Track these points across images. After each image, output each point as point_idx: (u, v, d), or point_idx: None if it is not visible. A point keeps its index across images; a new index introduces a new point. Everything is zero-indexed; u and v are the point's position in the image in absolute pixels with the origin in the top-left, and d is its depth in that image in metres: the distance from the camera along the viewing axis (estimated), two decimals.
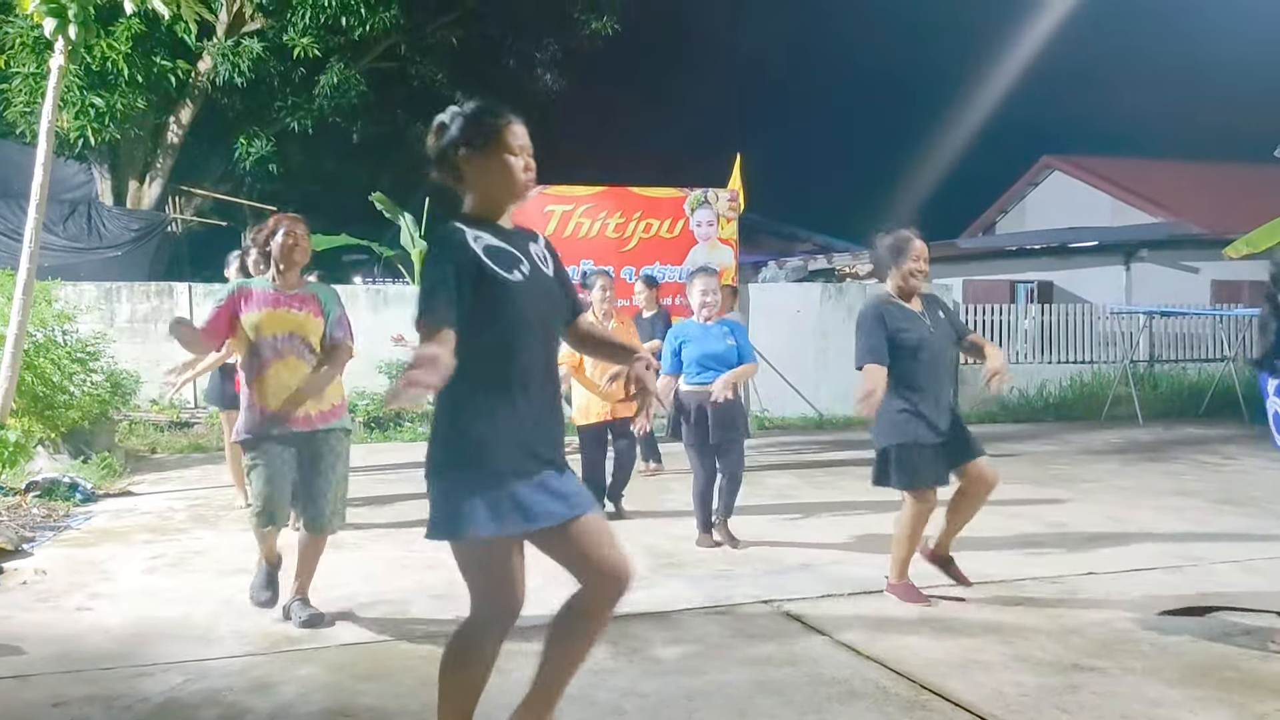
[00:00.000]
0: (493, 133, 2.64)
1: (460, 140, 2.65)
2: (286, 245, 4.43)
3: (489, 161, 2.65)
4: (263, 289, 4.42)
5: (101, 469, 8.26)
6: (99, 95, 13.10)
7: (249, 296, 4.38)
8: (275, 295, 4.40)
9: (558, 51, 17.85)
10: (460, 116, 2.67)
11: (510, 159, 2.65)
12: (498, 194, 2.70)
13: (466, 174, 2.68)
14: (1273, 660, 3.85)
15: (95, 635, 4.30)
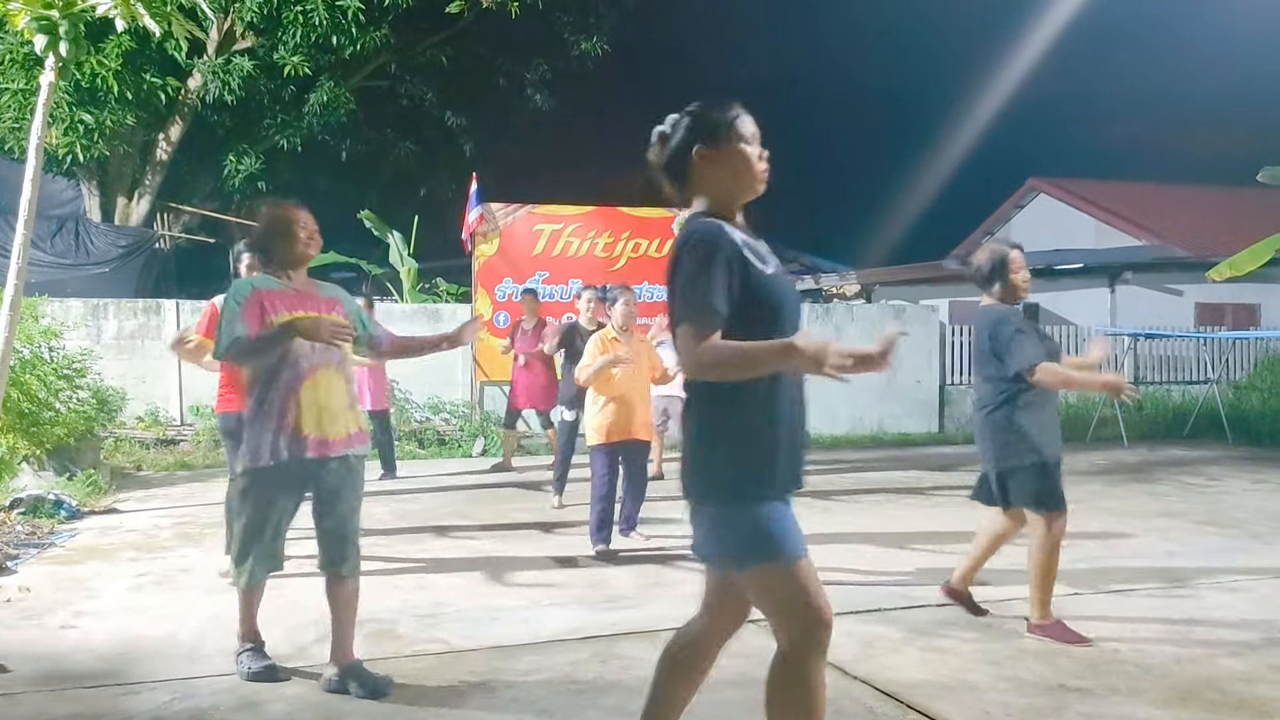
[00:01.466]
0: (728, 126, 2.55)
1: (695, 139, 2.55)
2: (305, 237, 3.92)
3: (726, 156, 2.54)
4: (280, 289, 3.85)
5: (87, 486, 8.21)
6: (88, 112, 13.09)
7: (272, 297, 3.80)
8: (296, 295, 3.86)
9: (547, 72, 17.91)
10: (689, 116, 2.59)
11: (747, 149, 2.55)
12: (737, 188, 2.59)
13: (702, 174, 2.56)
14: (1255, 683, 3.87)
15: (80, 653, 4.28)
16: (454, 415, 12.29)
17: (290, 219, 3.90)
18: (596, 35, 17.23)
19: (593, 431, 6.42)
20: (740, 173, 2.56)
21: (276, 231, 3.91)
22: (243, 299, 3.75)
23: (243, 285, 3.86)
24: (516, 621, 4.74)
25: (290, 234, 3.88)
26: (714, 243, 2.42)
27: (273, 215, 3.95)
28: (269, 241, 3.94)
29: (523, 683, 3.89)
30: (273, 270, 3.93)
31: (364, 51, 14.59)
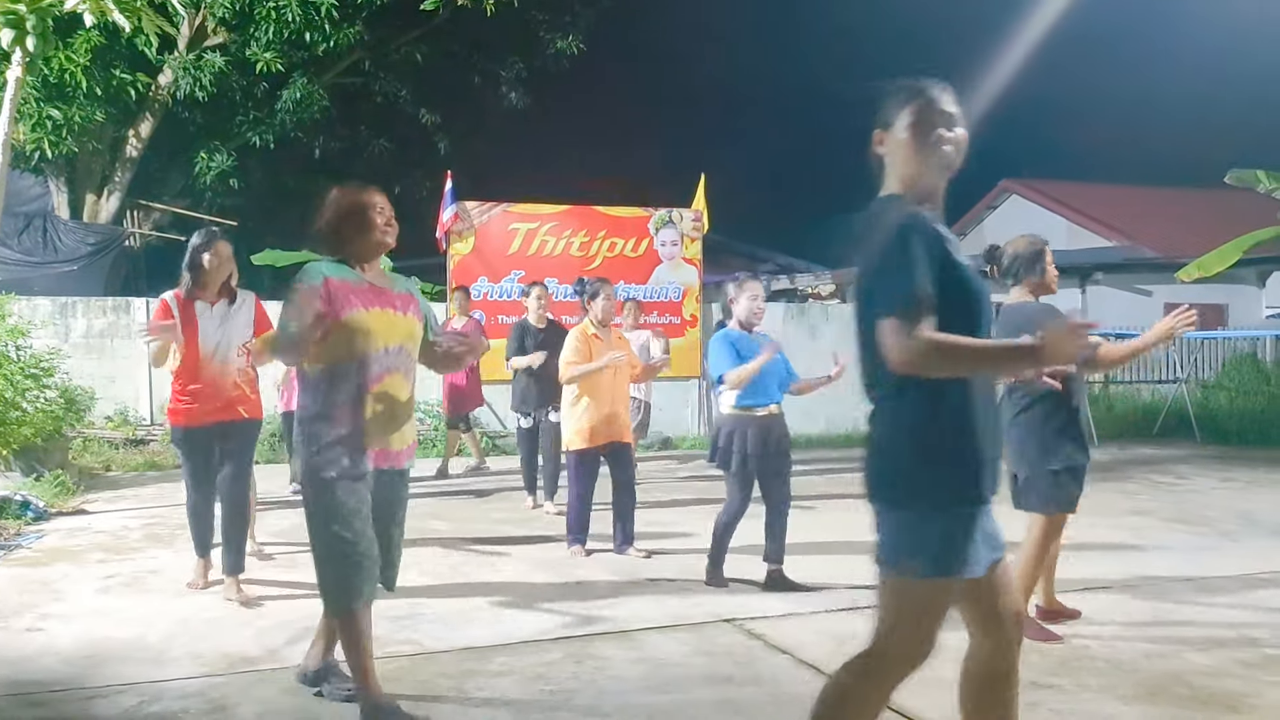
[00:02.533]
0: (921, 106, 2.44)
1: (886, 119, 2.47)
2: (383, 223, 3.51)
3: (928, 138, 2.43)
4: (354, 280, 3.42)
5: (54, 487, 8.11)
6: (56, 107, 12.93)
7: (344, 290, 3.37)
8: (371, 291, 3.45)
9: (523, 70, 17.87)
10: (907, 91, 2.46)
11: (945, 133, 2.44)
12: (928, 172, 2.47)
13: (894, 156, 2.46)
14: (1223, 678, 3.91)
15: (46, 657, 4.21)
16: (429, 415, 12.22)
17: (365, 203, 3.49)
18: (572, 34, 17.21)
19: (574, 435, 6.12)
20: (937, 158, 2.45)
21: (349, 218, 3.48)
22: (314, 288, 3.33)
23: (313, 271, 3.40)
24: (489, 622, 4.72)
25: (366, 221, 3.47)
26: (917, 230, 2.31)
27: (344, 199, 3.52)
28: (339, 229, 3.49)
29: (495, 684, 3.87)
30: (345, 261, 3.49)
31: (337, 48, 14.50)
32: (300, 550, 6.34)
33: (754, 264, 24.62)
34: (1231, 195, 15.47)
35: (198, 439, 5.11)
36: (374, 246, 3.49)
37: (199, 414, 5.07)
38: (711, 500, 8.38)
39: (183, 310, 5.07)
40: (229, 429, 5.12)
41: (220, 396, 5.07)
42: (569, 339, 6.22)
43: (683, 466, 10.66)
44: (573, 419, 6.14)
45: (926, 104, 2.43)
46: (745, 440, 5.27)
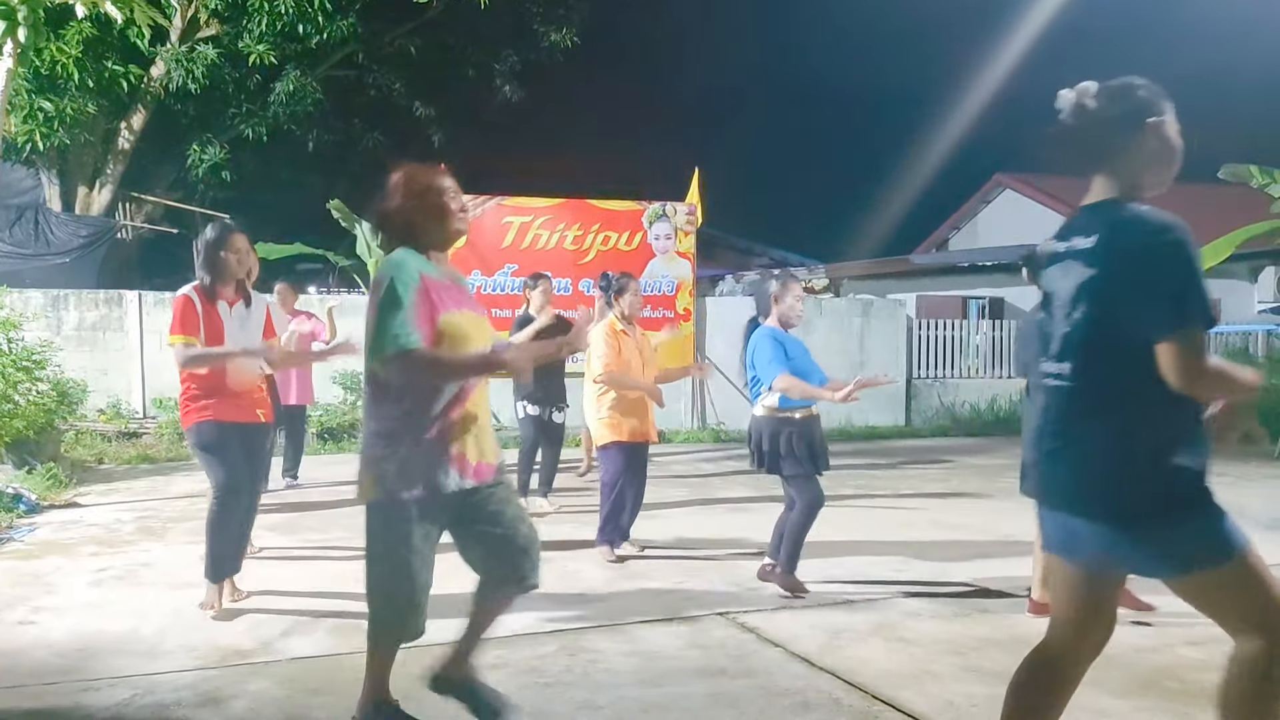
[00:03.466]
0: (1166, 102, 2.37)
1: (1148, 110, 2.38)
2: (459, 209, 3.17)
3: (1165, 131, 2.37)
4: (438, 276, 3.07)
5: (46, 480, 8.09)
6: (48, 99, 12.88)
7: (438, 289, 3.02)
8: (452, 287, 3.12)
9: (517, 63, 17.84)
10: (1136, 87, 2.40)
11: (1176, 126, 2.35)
12: (1159, 170, 2.44)
13: (1140, 151, 2.40)
14: (1215, 671, 3.92)
15: (39, 650, 4.21)
16: None
17: (441, 187, 3.12)
18: (566, 27, 17.19)
19: (608, 429, 5.87)
20: (1171, 152, 2.42)
21: (424, 202, 3.10)
22: (414, 287, 2.92)
23: (408, 266, 2.98)
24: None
25: (442, 207, 3.12)
26: (1189, 236, 2.25)
27: (418, 181, 3.13)
28: (412, 215, 3.10)
29: (488, 677, 3.87)
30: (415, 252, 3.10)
31: (331, 40, 14.47)
32: (296, 546, 6.35)
33: (748, 258, 24.65)
34: (1224, 190, 15.50)
35: (229, 436, 4.70)
36: (451, 236, 3.16)
37: (224, 412, 4.71)
38: (705, 494, 8.40)
39: (205, 309, 4.70)
40: (249, 431, 4.83)
41: (242, 398, 4.80)
42: (598, 337, 5.89)
43: (677, 461, 10.66)
44: (603, 411, 5.90)
45: (1171, 107, 2.38)
46: (793, 441, 5.03)
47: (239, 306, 4.83)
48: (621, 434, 5.84)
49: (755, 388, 5.16)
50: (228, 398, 4.72)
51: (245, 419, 4.79)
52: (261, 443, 4.99)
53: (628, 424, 5.84)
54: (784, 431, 5.03)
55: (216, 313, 4.73)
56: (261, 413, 4.92)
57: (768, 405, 5.06)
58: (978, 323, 16.17)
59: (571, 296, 11.58)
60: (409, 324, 2.85)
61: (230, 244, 4.74)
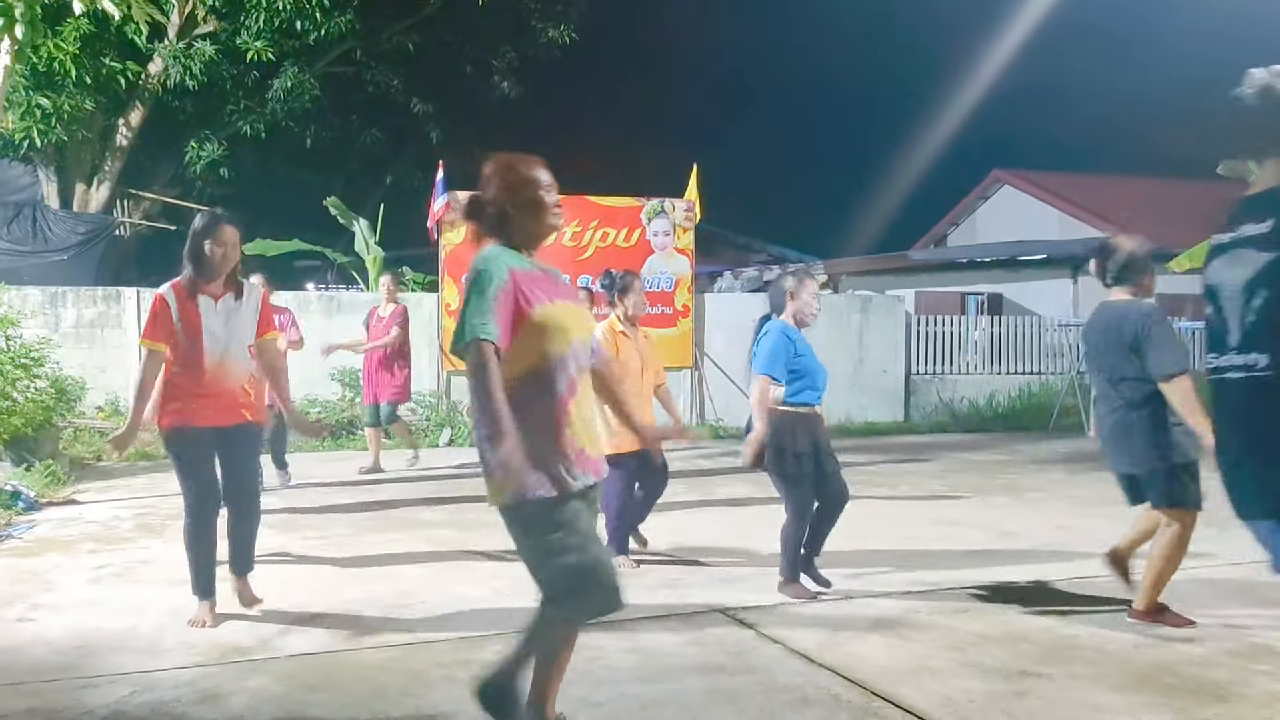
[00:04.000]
0: None
1: None
2: (554, 202, 3.03)
3: None
4: (531, 269, 2.97)
5: (45, 477, 8.08)
6: (46, 96, 12.86)
7: (529, 281, 2.91)
8: (545, 279, 3.00)
9: (515, 59, 17.84)
10: None
11: None
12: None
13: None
14: (1212, 667, 3.94)
15: (37, 647, 4.21)
16: (420, 404, 12.22)
17: (539, 180, 2.99)
18: (564, 23, 17.19)
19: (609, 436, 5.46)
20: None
21: (520, 197, 2.98)
22: (503, 283, 2.83)
23: (499, 261, 2.88)
24: (482, 611, 4.73)
25: (539, 202, 2.99)
26: None
27: (515, 172, 3.00)
28: (507, 208, 2.97)
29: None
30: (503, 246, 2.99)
31: (328, 37, 14.45)
32: (294, 543, 6.34)
33: (746, 254, 24.66)
34: (1223, 186, 15.48)
35: (193, 441, 4.45)
36: (545, 231, 3.04)
37: (197, 415, 4.45)
38: (703, 491, 8.40)
39: (182, 306, 4.46)
40: (232, 434, 4.54)
41: (223, 399, 4.51)
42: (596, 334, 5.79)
43: (675, 457, 10.65)
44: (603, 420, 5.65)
45: None
46: (795, 439, 4.95)
47: (227, 300, 4.57)
48: (616, 446, 5.47)
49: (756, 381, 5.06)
50: (204, 399, 4.45)
51: (225, 421, 4.50)
52: (246, 445, 4.67)
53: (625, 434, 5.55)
54: (786, 428, 4.94)
55: (195, 308, 4.48)
56: (248, 413, 4.61)
57: (773, 399, 4.97)
58: (976, 319, 16.17)
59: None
60: (488, 316, 2.77)
61: (217, 236, 4.48)
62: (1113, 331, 4.40)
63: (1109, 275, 4.55)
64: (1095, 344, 4.55)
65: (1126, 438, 4.43)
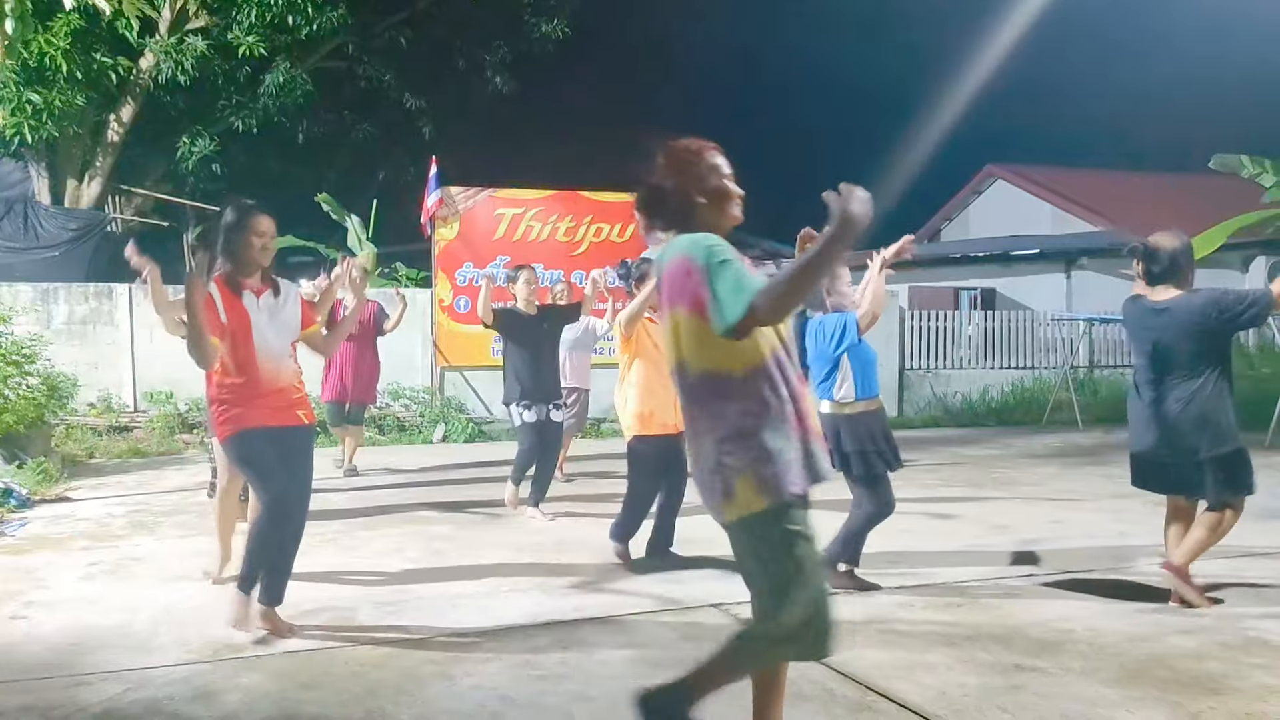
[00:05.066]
0: None
1: None
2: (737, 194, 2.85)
3: None
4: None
5: (37, 474, 8.06)
6: (36, 92, 12.79)
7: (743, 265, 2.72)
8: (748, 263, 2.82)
9: (508, 54, 17.78)
10: None
11: None
12: None
13: None
14: (1205, 660, 3.94)
15: (30, 644, 4.20)
16: (414, 401, 12.21)
17: (720, 166, 2.82)
18: (557, 18, 17.15)
19: (634, 420, 5.57)
20: None
21: (706, 185, 2.80)
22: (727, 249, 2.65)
23: (708, 236, 2.69)
24: (476, 608, 4.72)
25: (724, 190, 2.82)
26: None
27: (702, 160, 2.80)
28: (692, 197, 2.78)
29: (482, 670, 3.87)
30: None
31: (321, 32, 14.40)
32: None
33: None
34: (1215, 180, 15.53)
35: (256, 441, 4.19)
36: (730, 221, 2.83)
37: (253, 416, 4.20)
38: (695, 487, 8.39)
39: (229, 303, 4.18)
40: (286, 436, 4.26)
41: (277, 398, 4.26)
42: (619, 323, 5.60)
43: None
44: (630, 403, 5.58)
45: None
46: (860, 437, 4.85)
47: (267, 297, 4.33)
48: (649, 426, 5.51)
49: (822, 381, 4.92)
50: (258, 400, 4.20)
51: (282, 422, 4.25)
52: (303, 448, 4.37)
53: (658, 416, 5.49)
54: (856, 428, 4.85)
55: (243, 306, 4.22)
56: (302, 413, 4.36)
57: (840, 400, 4.87)
58: (969, 313, 16.19)
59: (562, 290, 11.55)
60: (744, 276, 2.53)
61: (254, 226, 4.26)
62: (1196, 321, 4.50)
63: (1154, 275, 4.64)
64: (1174, 337, 4.59)
65: (1213, 420, 4.53)
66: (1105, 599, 4.87)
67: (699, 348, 2.66)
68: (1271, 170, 12.47)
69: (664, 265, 2.74)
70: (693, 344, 2.67)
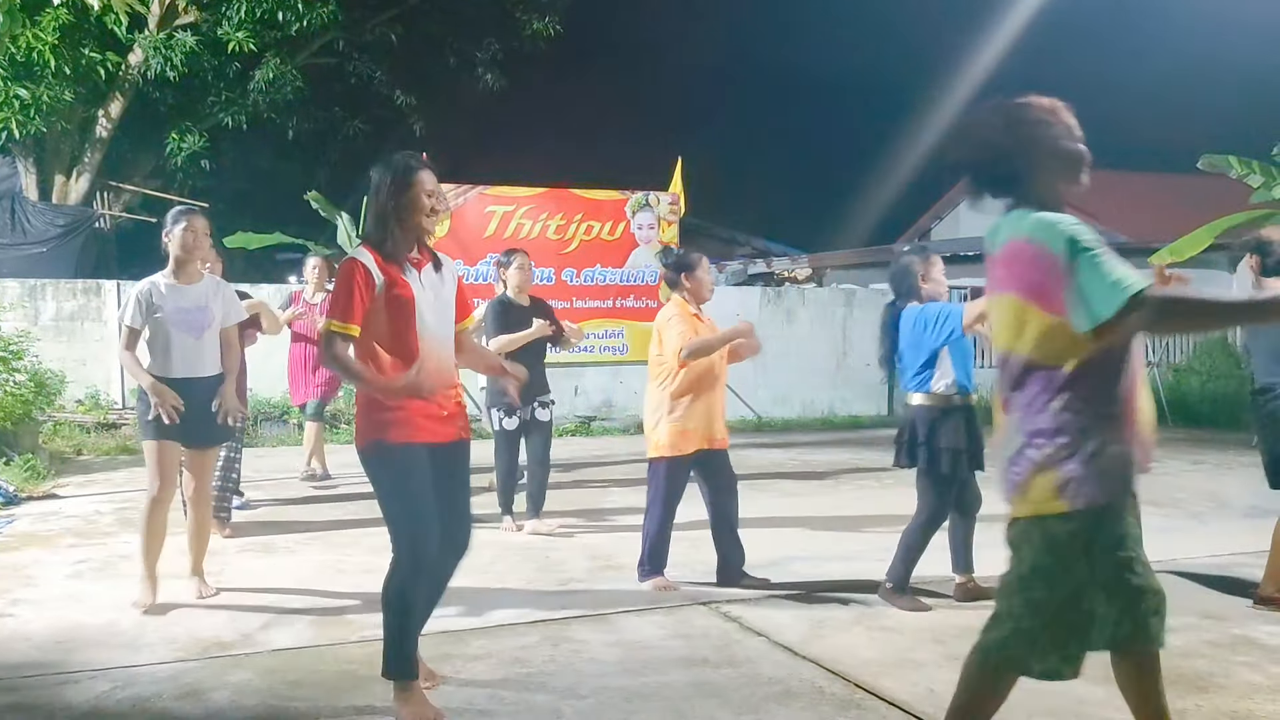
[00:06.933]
0: None
1: None
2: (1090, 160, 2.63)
3: None
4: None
5: (25, 471, 8.02)
6: (24, 87, 12.71)
7: None
8: None
9: (499, 51, 17.74)
10: None
11: None
12: None
13: None
14: (1192, 658, 3.96)
15: (17, 642, 4.18)
16: None
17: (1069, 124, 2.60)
18: (549, 15, 17.12)
19: (665, 437, 4.96)
20: None
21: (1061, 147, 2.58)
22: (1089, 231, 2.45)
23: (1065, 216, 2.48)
24: (465, 606, 4.71)
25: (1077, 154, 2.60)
26: None
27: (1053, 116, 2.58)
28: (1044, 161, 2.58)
29: (472, 667, 3.87)
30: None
31: (311, 28, 14.35)
32: (278, 537, 6.31)
33: (731, 247, 24.66)
34: (1203, 181, 15.58)
35: (412, 461, 3.32)
36: (1079, 189, 2.62)
37: (412, 427, 3.32)
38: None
39: (390, 280, 3.30)
40: (447, 455, 3.43)
41: (441, 405, 3.41)
42: (673, 320, 4.98)
43: None
44: (669, 418, 4.94)
45: None
46: (953, 433, 4.68)
47: (428, 271, 3.43)
48: (681, 445, 4.97)
49: (918, 373, 4.77)
50: (419, 406, 3.34)
51: (443, 437, 3.41)
52: (463, 471, 3.57)
53: (693, 431, 4.97)
54: (942, 420, 4.70)
55: (406, 284, 3.33)
56: (463, 426, 3.53)
57: (940, 393, 4.72)
58: None
59: (555, 286, 11.54)
60: (1117, 268, 2.30)
61: (422, 183, 3.35)
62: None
63: (1269, 268, 4.65)
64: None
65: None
66: None
67: (1032, 338, 2.47)
68: (1259, 171, 12.52)
69: (1000, 243, 2.55)
70: (1025, 333, 2.48)
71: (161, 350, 4.72)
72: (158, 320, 4.70)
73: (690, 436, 4.96)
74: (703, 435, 5.00)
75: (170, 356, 4.71)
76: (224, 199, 16.97)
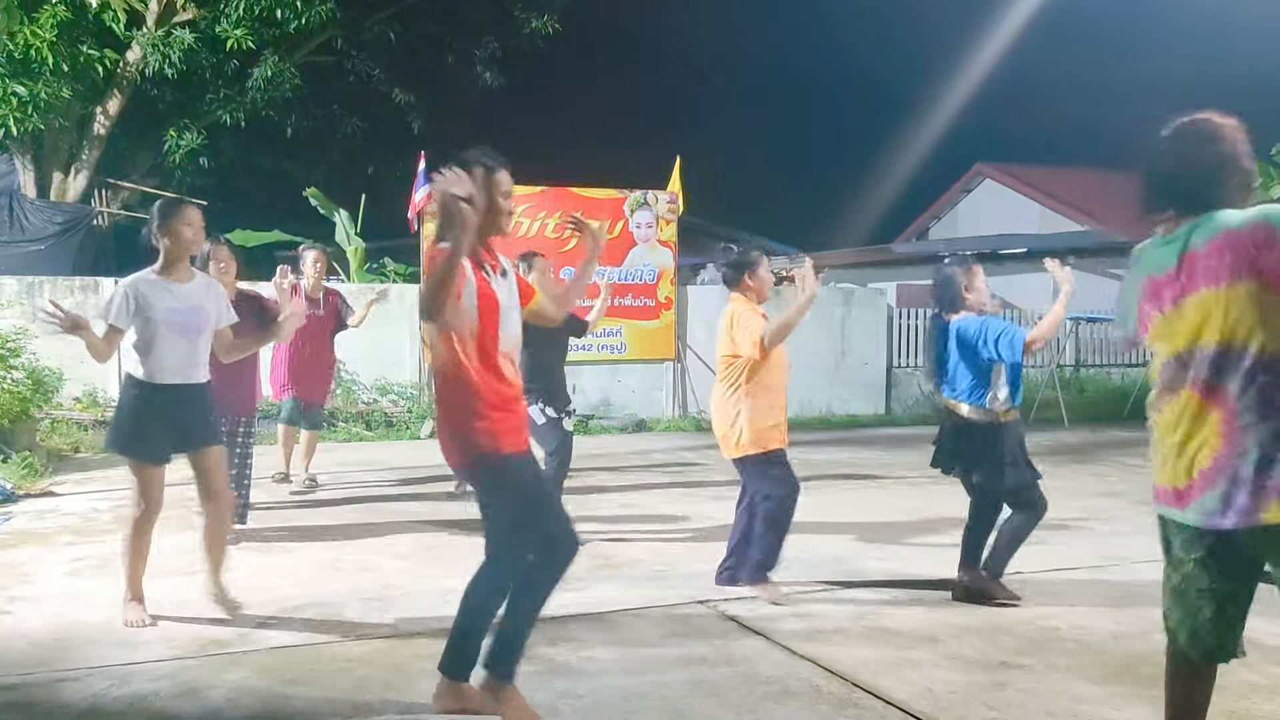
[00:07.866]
0: None
1: None
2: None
3: None
4: None
5: (22, 469, 8.00)
6: (22, 84, 12.70)
7: None
8: None
9: (497, 49, 17.75)
10: None
11: None
12: None
13: None
14: None
15: (15, 640, 4.17)
16: (401, 397, 12.17)
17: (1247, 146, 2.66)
18: (547, 13, 17.12)
19: (758, 434, 4.75)
20: None
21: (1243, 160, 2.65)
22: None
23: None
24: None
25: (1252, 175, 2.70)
26: None
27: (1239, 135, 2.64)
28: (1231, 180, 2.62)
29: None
30: None
31: (309, 26, 14.35)
32: (275, 532, 6.30)
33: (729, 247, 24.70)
34: None
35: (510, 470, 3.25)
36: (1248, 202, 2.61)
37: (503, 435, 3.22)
38: (686, 483, 8.40)
39: (477, 279, 3.18)
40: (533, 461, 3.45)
41: (521, 413, 3.35)
42: (741, 315, 4.86)
43: (657, 449, 10.67)
44: (747, 416, 4.76)
45: None
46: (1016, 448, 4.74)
47: (500, 271, 3.35)
48: (776, 440, 4.79)
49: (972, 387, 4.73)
50: (504, 414, 3.22)
51: (522, 445, 3.33)
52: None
53: (780, 426, 4.84)
54: (1012, 437, 4.71)
55: (490, 286, 3.22)
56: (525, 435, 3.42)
57: (996, 408, 4.68)
58: None
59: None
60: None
61: (499, 180, 3.31)
62: None
63: None
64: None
65: None
66: (1091, 596, 4.90)
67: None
68: (1259, 171, 12.55)
69: (1207, 238, 2.52)
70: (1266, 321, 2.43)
71: (151, 354, 4.31)
72: (147, 321, 4.30)
73: (775, 432, 4.80)
74: (783, 433, 4.87)
75: (161, 361, 4.30)
76: (222, 196, 16.96)
